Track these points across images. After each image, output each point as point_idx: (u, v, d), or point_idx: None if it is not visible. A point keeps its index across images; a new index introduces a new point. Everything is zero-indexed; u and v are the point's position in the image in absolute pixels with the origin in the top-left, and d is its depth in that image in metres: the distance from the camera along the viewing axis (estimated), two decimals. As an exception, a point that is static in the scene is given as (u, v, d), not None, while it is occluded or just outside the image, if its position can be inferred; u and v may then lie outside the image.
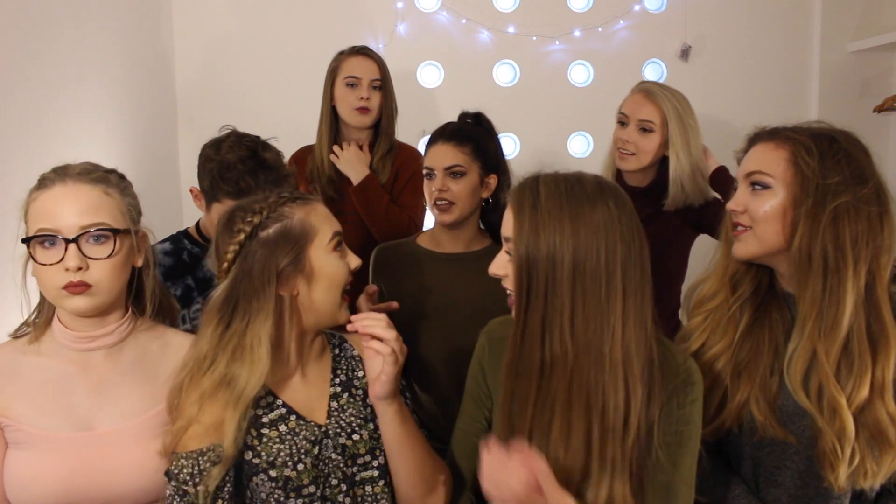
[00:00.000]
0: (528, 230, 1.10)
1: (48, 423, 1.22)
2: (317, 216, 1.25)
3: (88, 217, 1.19)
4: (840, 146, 1.20)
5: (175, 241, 1.81)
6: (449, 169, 1.73)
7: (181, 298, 1.73)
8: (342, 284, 1.26)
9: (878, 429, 1.17)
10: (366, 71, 2.21)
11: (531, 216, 1.10)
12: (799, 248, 1.19)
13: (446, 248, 1.82)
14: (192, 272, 1.77)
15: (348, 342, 1.38)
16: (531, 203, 1.11)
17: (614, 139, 2.12)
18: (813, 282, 1.18)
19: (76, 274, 1.17)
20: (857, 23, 2.89)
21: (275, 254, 1.20)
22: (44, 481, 1.19)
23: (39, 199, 1.20)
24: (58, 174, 1.21)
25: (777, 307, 1.29)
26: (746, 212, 1.25)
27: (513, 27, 2.87)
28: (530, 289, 1.10)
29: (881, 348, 1.18)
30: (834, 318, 1.17)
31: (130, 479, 1.21)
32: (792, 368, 1.21)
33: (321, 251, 1.24)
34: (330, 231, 1.25)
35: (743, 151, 1.31)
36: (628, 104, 2.10)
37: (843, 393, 1.17)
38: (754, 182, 1.24)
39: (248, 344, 1.18)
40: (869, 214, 1.17)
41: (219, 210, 1.67)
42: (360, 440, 1.27)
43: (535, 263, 1.09)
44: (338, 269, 1.26)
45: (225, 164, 1.63)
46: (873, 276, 1.18)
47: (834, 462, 1.18)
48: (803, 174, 1.19)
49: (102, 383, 1.26)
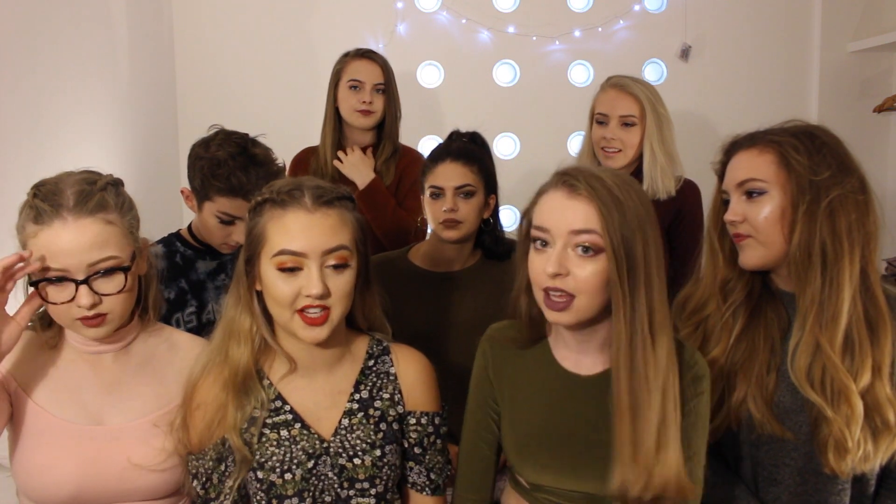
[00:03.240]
0: (616, 216, 1.09)
1: (64, 412, 1.23)
2: (276, 225, 1.15)
3: (95, 253, 1.15)
4: (821, 140, 1.22)
5: (168, 244, 1.79)
6: (460, 189, 1.72)
7: (175, 301, 1.72)
8: (284, 304, 1.15)
9: (877, 410, 1.19)
10: (369, 75, 2.21)
11: (616, 203, 1.09)
12: (798, 246, 1.20)
13: (441, 266, 1.81)
14: (185, 275, 1.77)
15: (390, 355, 1.29)
16: (607, 191, 1.10)
17: (594, 140, 2.09)
18: (812, 277, 1.20)
19: (91, 309, 1.16)
20: (857, 23, 2.89)
21: (244, 248, 1.21)
22: (57, 472, 1.20)
23: (40, 236, 1.14)
24: (53, 206, 1.14)
25: (772, 306, 1.30)
26: (745, 221, 1.25)
27: (513, 27, 2.87)
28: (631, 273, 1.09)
29: (879, 331, 1.21)
30: (834, 309, 1.19)
31: (140, 475, 1.22)
32: (796, 364, 1.22)
33: (265, 262, 1.16)
34: (277, 246, 1.14)
35: (721, 163, 1.32)
36: (604, 102, 2.07)
37: (851, 378, 1.18)
38: (748, 190, 1.25)
39: (236, 328, 1.22)
40: (857, 203, 1.20)
41: (210, 209, 1.67)
42: (360, 465, 1.21)
43: (634, 249, 1.09)
44: (276, 287, 1.14)
45: (215, 160, 1.63)
46: (866, 262, 1.21)
47: (841, 449, 1.19)
48: (797, 173, 1.20)
49: (113, 383, 1.27)
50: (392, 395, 1.26)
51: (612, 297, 1.10)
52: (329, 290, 1.14)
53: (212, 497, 1.21)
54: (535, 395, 1.24)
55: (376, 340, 1.31)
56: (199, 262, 1.78)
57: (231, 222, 1.68)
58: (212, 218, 1.68)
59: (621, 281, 1.09)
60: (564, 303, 1.11)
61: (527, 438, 1.23)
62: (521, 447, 1.24)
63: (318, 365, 1.24)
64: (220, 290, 1.77)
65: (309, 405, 1.23)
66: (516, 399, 1.25)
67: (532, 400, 1.24)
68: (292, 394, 1.23)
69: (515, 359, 1.27)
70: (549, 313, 1.13)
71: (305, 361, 1.24)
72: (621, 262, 1.08)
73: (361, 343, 1.30)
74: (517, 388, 1.26)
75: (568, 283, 1.10)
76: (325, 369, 1.25)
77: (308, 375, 1.24)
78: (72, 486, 1.20)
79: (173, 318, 1.72)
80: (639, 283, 1.09)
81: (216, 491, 1.20)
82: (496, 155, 2.88)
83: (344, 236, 1.17)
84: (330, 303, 1.15)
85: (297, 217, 1.15)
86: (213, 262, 1.80)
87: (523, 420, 1.24)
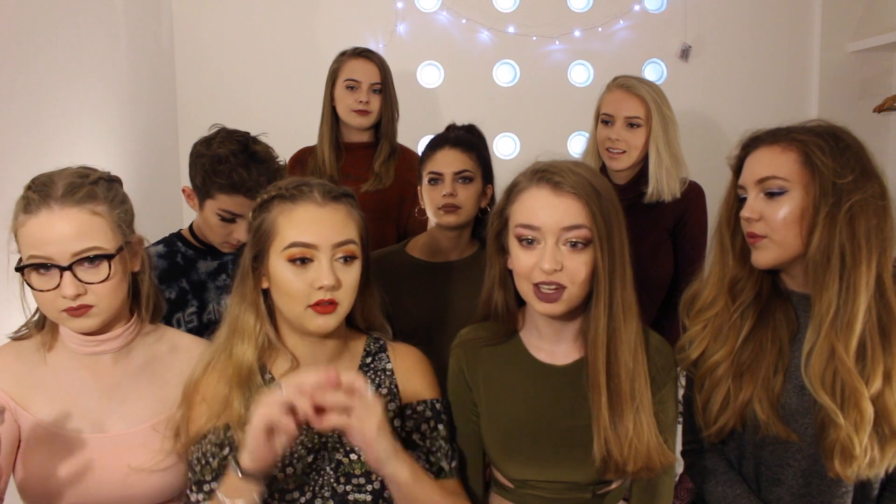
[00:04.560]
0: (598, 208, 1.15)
1: (64, 422, 1.22)
2: (288, 219, 1.17)
3: (79, 243, 1.16)
4: (845, 143, 1.20)
5: (169, 244, 1.79)
6: (459, 174, 1.74)
7: (176, 301, 1.72)
8: (297, 297, 1.16)
9: (885, 416, 1.18)
10: (366, 74, 2.21)
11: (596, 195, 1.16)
12: (818, 249, 1.18)
13: (439, 257, 1.82)
14: (186, 275, 1.76)
15: (387, 352, 1.31)
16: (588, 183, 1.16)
17: (599, 140, 2.08)
18: (830, 281, 1.18)
19: (75, 300, 1.16)
20: (857, 23, 2.89)
21: (251, 244, 1.21)
22: (59, 480, 1.19)
23: (27, 225, 1.16)
24: (42, 196, 1.16)
25: (781, 307, 1.28)
26: (762, 219, 1.23)
27: (513, 27, 2.87)
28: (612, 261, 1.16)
29: (892, 337, 1.20)
30: (850, 315, 1.17)
31: (141, 480, 1.22)
32: (810, 368, 1.20)
33: (275, 256, 1.18)
34: (290, 239, 1.16)
35: (738, 158, 1.29)
36: (610, 103, 2.05)
37: (864, 383, 1.18)
38: (768, 189, 1.22)
39: (240, 328, 1.22)
40: (877, 209, 1.18)
41: (212, 207, 1.67)
42: (356, 461, 1.22)
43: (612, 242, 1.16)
44: (287, 280, 1.16)
45: (217, 157, 1.63)
46: (882, 268, 1.19)
47: (847, 455, 1.18)
48: (821, 174, 1.17)
49: (113, 387, 1.26)
50: (390, 390, 1.28)
51: (594, 285, 1.17)
52: (340, 282, 1.17)
53: (206, 479, 1.17)
54: (512, 390, 1.26)
55: (374, 339, 1.33)
56: (200, 262, 1.78)
57: (232, 220, 1.68)
58: (213, 216, 1.68)
59: (605, 269, 1.15)
60: (556, 294, 1.16)
61: (508, 433, 1.26)
62: (503, 443, 1.26)
63: (319, 361, 1.25)
64: (222, 290, 1.77)
65: None
66: (494, 396, 1.27)
67: (510, 395, 1.26)
68: None
69: (489, 358, 1.29)
70: (540, 305, 1.18)
71: (307, 358, 1.25)
72: (604, 251, 1.14)
73: (359, 341, 1.31)
74: (494, 386, 1.28)
75: (562, 277, 1.15)
76: (325, 366, 1.25)
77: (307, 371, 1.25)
78: (73, 494, 1.20)
79: (174, 318, 1.72)
80: (616, 269, 1.16)
81: (213, 474, 1.16)
82: (496, 155, 2.90)
83: (352, 231, 1.20)
84: (339, 295, 1.17)
85: (308, 210, 1.18)
86: (215, 262, 1.79)
87: (503, 415, 1.26)
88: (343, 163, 2.26)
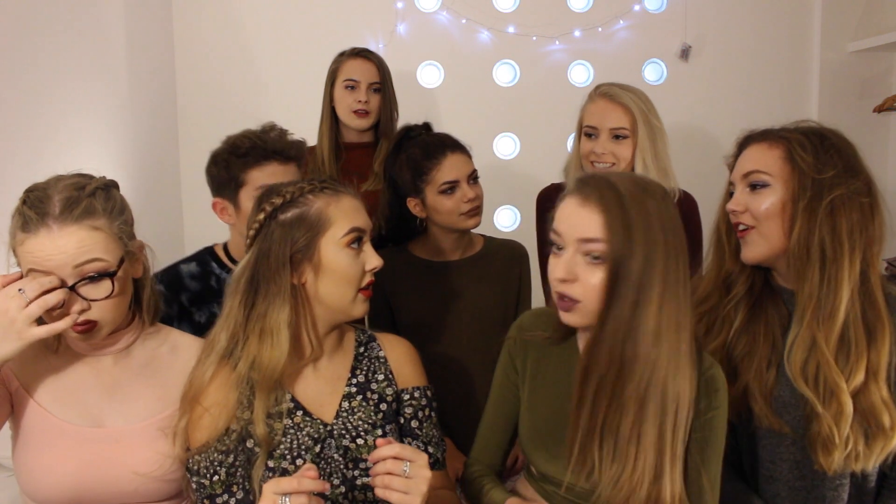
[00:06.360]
0: (620, 230, 1.08)
1: (65, 413, 1.23)
2: (337, 208, 1.24)
3: (80, 260, 1.15)
4: (830, 142, 1.25)
5: (202, 263, 1.71)
6: (471, 175, 1.78)
7: (205, 326, 1.60)
8: (353, 281, 1.24)
9: (871, 412, 1.21)
10: (365, 74, 2.20)
11: (622, 216, 1.08)
12: (797, 242, 1.22)
13: (445, 256, 1.83)
14: (218, 300, 1.61)
15: (377, 341, 1.37)
16: (618, 203, 1.09)
17: (583, 154, 1.93)
18: (811, 273, 1.22)
19: (80, 316, 1.17)
20: (857, 23, 2.89)
21: (287, 238, 1.21)
22: (56, 473, 1.20)
23: (26, 244, 1.15)
24: (39, 215, 1.14)
25: (773, 303, 1.32)
26: (747, 211, 1.28)
27: (513, 27, 2.87)
28: (618, 290, 1.09)
29: (877, 334, 1.22)
30: (832, 307, 1.21)
31: (139, 479, 1.22)
32: (792, 357, 1.24)
33: (332, 244, 1.22)
34: (347, 225, 1.23)
35: (734, 157, 1.35)
36: (593, 114, 1.91)
37: (842, 377, 1.20)
38: (753, 182, 1.27)
39: (269, 328, 1.20)
40: (861, 206, 1.22)
41: (248, 194, 1.60)
42: (364, 445, 1.25)
43: (629, 263, 1.08)
44: (347, 265, 1.23)
45: (234, 143, 1.63)
46: (867, 265, 1.23)
47: (829, 446, 1.21)
48: (800, 170, 1.23)
49: (113, 386, 1.27)
50: (386, 376, 1.33)
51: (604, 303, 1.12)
52: None
53: (216, 492, 1.19)
54: (556, 385, 1.26)
55: (360, 330, 1.38)
56: None
57: None
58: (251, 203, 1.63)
59: (607, 291, 1.10)
60: (569, 304, 1.14)
61: (540, 425, 1.26)
62: (534, 433, 1.27)
63: (321, 353, 1.28)
64: None
65: (311, 393, 1.27)
66: (538, 385, 1.28)
67: (553, 389, 1.26)
68: (296, 383, 1.26)
69: (542, 347, 1.29)
70: (560, 313, 1.17)
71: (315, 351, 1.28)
72: (612, 273, 1.09)
73: (349, 334, 1.36)
74: (540, 376, 1.28)
75: (575, 290, 1.12)
76: (325, 357, 1.30)
77: (311, 364, 1.28)
78: (72, 487, 1.20)
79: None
80: (624, 297, 1.08)
81: (223, 486, 1.19)
82: (496, 155, 2.91)
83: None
84: None
85: (351, 200, 1.27)
86: None
87: (540, 405, 1.27)
88: (343, 162, 2.27)
